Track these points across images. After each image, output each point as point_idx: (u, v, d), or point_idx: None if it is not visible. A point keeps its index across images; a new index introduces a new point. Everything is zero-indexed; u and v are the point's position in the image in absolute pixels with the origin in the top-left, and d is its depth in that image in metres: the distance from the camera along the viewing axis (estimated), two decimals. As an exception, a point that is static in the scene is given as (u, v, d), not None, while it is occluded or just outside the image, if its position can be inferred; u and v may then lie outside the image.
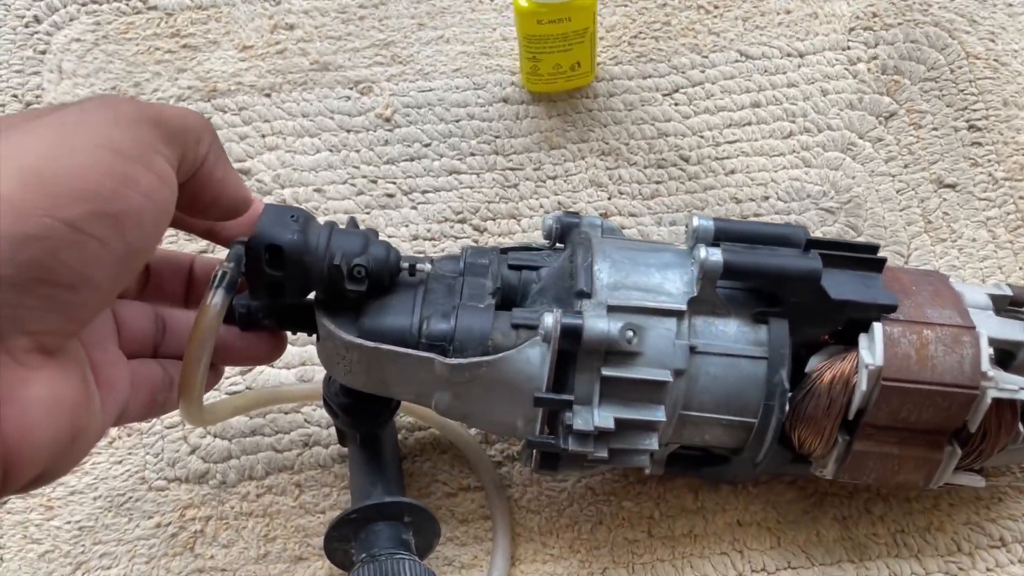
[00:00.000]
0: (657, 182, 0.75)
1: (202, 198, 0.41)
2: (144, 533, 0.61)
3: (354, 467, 0.61)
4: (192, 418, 0.50)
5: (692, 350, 0.52)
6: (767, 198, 0.74)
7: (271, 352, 0.56)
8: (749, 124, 0.78)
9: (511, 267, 0.57)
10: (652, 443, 0.52)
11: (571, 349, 0.50)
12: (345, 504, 0.64)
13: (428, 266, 0.54)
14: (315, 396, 0.64)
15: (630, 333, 0.50)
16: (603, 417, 0.50)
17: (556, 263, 0.57)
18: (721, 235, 0.54)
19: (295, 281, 0.51)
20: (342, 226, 0.54)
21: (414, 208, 0.73)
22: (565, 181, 0.76)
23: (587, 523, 0.64)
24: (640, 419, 0.51)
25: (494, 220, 0.73)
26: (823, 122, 0.78)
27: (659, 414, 0.51)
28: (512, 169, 0.75)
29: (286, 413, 0.65)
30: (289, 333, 0.57)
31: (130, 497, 0.62)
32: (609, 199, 0.75)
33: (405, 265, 0.54)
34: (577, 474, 0.62)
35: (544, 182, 0.74)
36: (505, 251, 0.58)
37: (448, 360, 0.51)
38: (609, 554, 0.62)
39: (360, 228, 0.55)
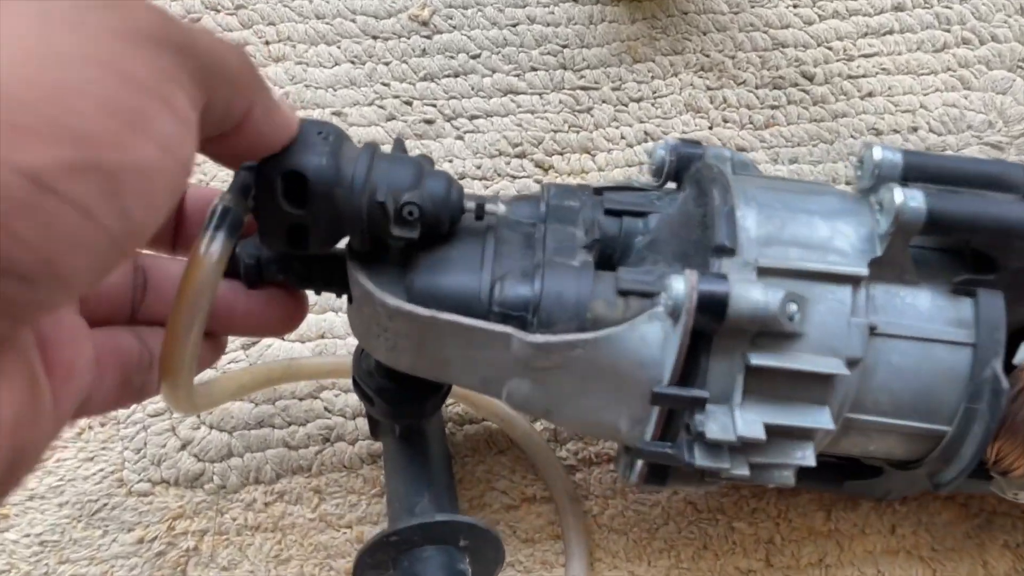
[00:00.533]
0: (772, 107, 0.60)
1: (234, 152, 0.33)
2: (123, 550, 0.50)
3: (393, 470, 0.47)
4: (179, 403, 0.36)
5: (872, 331, 0.37)
6: (915, 129, 0.59)
7: (286, 318, 0.41)
8: (891, 33, 0.62)
9: (609, 212, 0.42)
10: (807, 457, 0.38)
11: (707, 328, 0.35)
12: (377, 516, 0.50)
13: (501, 208, 0.40)
14: (340, 373, 0.50)
15: (793, 307, 0.35)
16: (748, 422, 0.36)
17: (673, 208, 0.42)
18: (912, 172, 0.39)
19: (322, 223, 0.37)
20: (386, 150, 0.40)
21: (459, 139, 0.60)
22: (653, 105, 0.60)
23: (688, 547, 0.50)
24: (797, 426, 0.37)
25: (561, 155, 0.59)
26: (986, 31, 0.62)
27: (823, 418, 0.37)
28: (584, 88, 0.61)
29: (301, 399, 0.52)
30: (311, 294, 0.42)
31: (105, 504, 0.51)
32: (710, 128, 0.60)
33: (470, 206, 0.39)
34: (688, 489, 0.48)
35: (626, 105, 0.60)
36: (599, 191, 0.43)
37: (531, 337, 0.37)
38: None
39: (409, 154, 0.40)
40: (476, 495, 0.51)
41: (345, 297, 0.43)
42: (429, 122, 0.59)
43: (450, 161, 0.59)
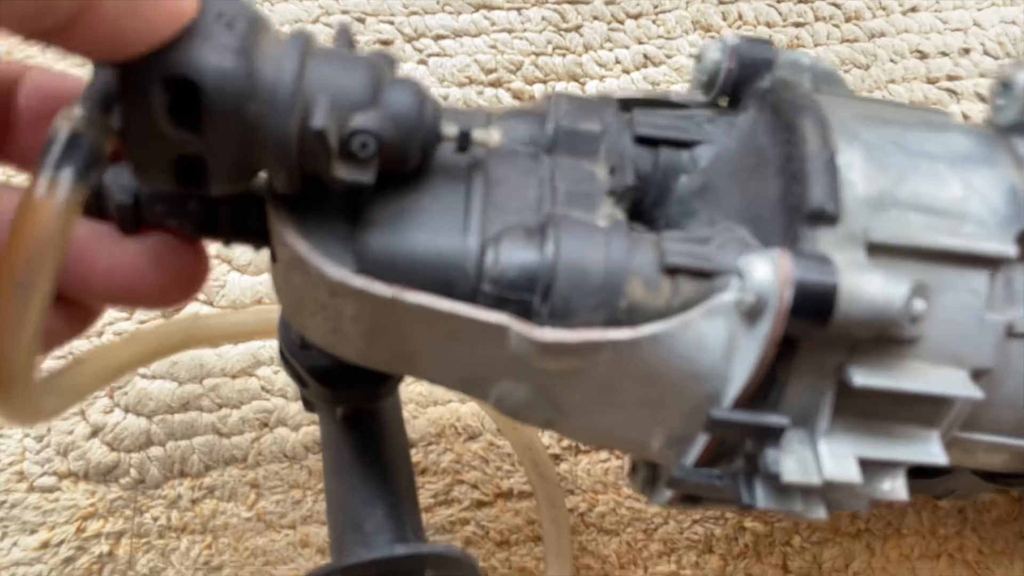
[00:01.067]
0: (797, 24, 0.49)
1: (82, 51, 0.23)
2: (24, 556, 0.43)
3: (334, 467, 0.36)
4: (12, 412, 0.24)
5: (1009, 331, 0.27)
6: (967, 51, 0.48)
7: (180, 279, 0.29)
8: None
9: (641, 140, 0.30)
10: (897, 490, 0.28)
11: (797, 334, 0.24)
12: (324, 516, 0.40)
13: (496, 136, 0.27)
14: (266, 333, 0.38)
15: (920, 304, 0.24)
16: (838, 458, 0.26)
17: (733, 137, 0.30)
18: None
19: (226, 155, 0.25)
20: (326, 44, 0.26)
21: (422, 63, 0.52)
22: (654, 22, 0.51)
23: (690, 551, 0.41)
24: (899, 460, 0.27)
25: (544, 83, 0.51)
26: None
27: (932, 449, 0.27)
28: (572, 2, 0.53)
29: (233, 377, 0.44)
30: (215, 245, 0.30)
31: (3, 502, 0.43)
32: (728, 42, 0.48)
33: (451, 131, 0.27)
34: (722, 509, 0.38)
35: (621, 23, 0.53)
36: (626, 105, 0.31)
37: (538, 333, 0.25)
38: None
39: (359, 48, 0.27)
40: (441, 490, 0.41)
41: (268, 253, 0.30)
42: (386, 43, 0.52)
43: None
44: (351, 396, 0.35)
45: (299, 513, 0.43)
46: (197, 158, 0.25)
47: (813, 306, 0.24)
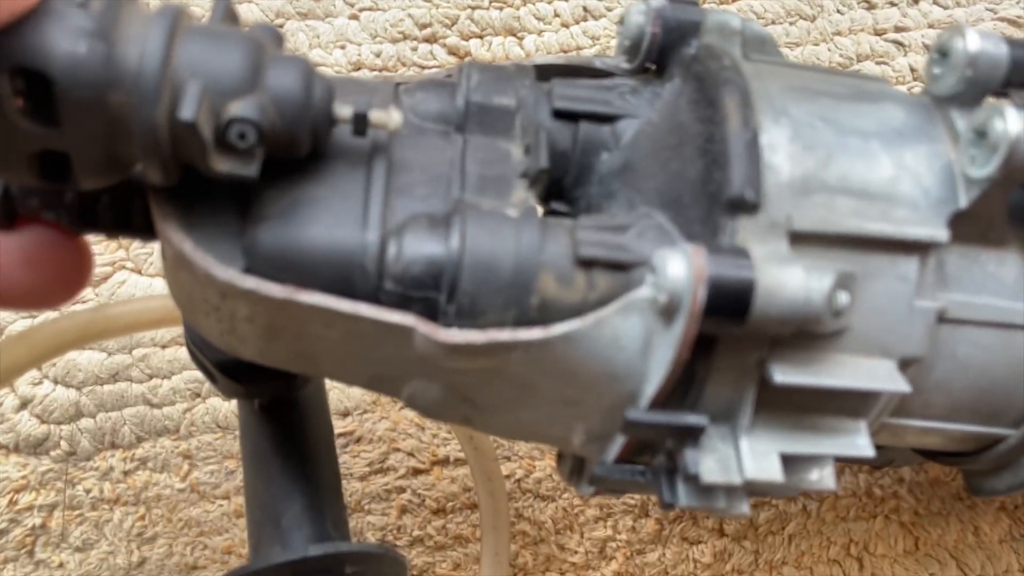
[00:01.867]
0: None
1: None
2: None
3: (252, 458, 0.34)
4: None
5: (940, 317, 0.26)
6: (916, 0, 0.46)
7: (62, 277, 0.27)
8: None
9: (559, 114, 0.28)
10: (824, 479, 0.27)
11: (713, 331, 0.23)
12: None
13: (396, 117, 0.25)
14: (173, 321, 0.36)
15: (844, 297, 0.23)
16: (760, 456, 0.25)
17: (656, 110, 0.28)
18: (1019, 76, 0.26)
19: (90, 148, 0.22)
20: (199, 21, 0.24)
21: (353, 18, 0.48)
22: None
23: (627, 516, 0.41)
24: (820, 453, 0.26)
25: (481, 38, 0.48)
26: None
27: (859, 441, 0.26)
28: None
29: (163, 347, 0.43)
30: (96, 237, 0.28)
31: None
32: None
33: (344, 113, 0.24)
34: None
35: None
36: (543, 73, 0.29)
37: (445, 335, 0.24)
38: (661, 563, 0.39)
39: (236, 24, 0.24)
40: (377, 458, 0.40)
41: (158, 247, 0.28)
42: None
43: (342, 47, 0.47)
44: (264, 390, 0.33)
45: (233, 484, 0.43)
46: (60, 155, 0.23)
47: (728, 305, 0.22)
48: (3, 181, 0.26)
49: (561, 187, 0.29)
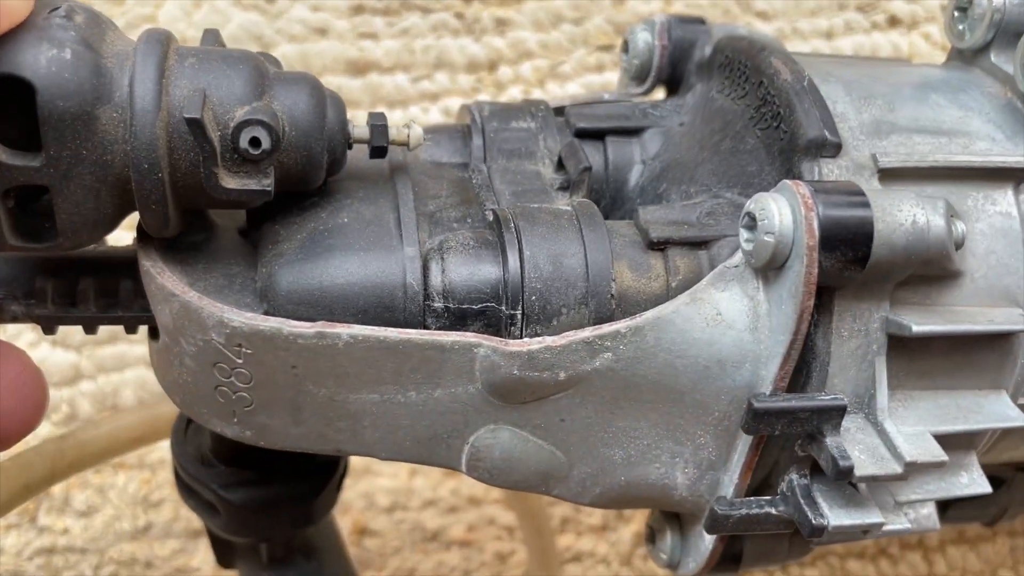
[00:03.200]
0: None
1: None
2: None
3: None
4: None
5: (1054, 258, 0.23)
6: None
7: (27, 397, 0.22)
8: None
9: (582, 134, 0.26)
10: (976, 481, 0.23)
11: (830, 282, 0.19)
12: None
13: (417, 130, 0.22)
14: (152, 437, 0.30)
15: (961, 227, 0.20)
16: (912, 437, 0.21)
17: (683, 114, 0.26)
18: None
19: (77, 180, 0.19)
20: (189, 44, 0.22)
21: None
22: None
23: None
24: (971, 429, 0.22)
25: None
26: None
27: (1006, 409, 0.22)
28: None
29: None
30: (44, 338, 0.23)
31: None
32: None
33: (360, 131, 0.22)
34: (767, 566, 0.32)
35: None
36: (558, 111, 0.27)
37: (517, 344, 0.20)
38: None
39: (228, 47, 0.22)
40: None
41: (146, 332, 0.24)
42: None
43: None
44: (276, 526, 0.27)
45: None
46: (38, 192, 0.19)
47: (848, 235, 0.19)
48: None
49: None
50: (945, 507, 0.32)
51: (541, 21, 0.46)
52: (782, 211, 0.19)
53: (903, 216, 0.20)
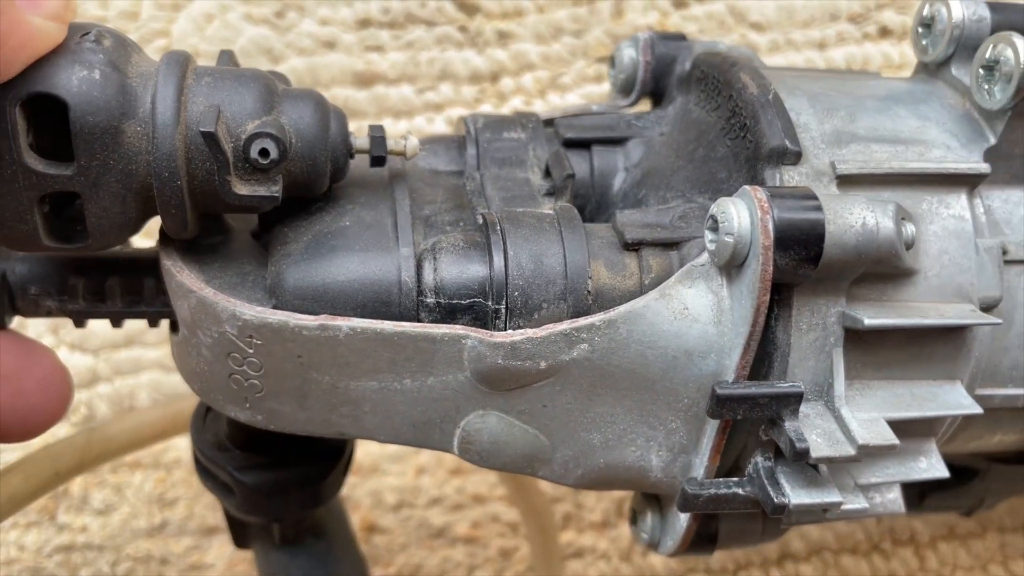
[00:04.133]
0: None
1: None
2: None
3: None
4: None
5: (1005, 258, 0.25)
6: None
7: (53, 389, 0.25)
8: None
9: (569, 144, 0.28)
10: (934, 466, 0.25)
11: (786, 279, 0.22)
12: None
13: (413, 141, 0.25)
14: (173, 432, 0.33)
15: (911, 228, 0.23)
16: (866, 423, 0.23)
17: (664, 125, 0.28)
18: (1003, 31, 0.27)
19: (106, 186, 0.22)
20: (204, 63, 0.24)
21: None
22: None
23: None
24: (929, 416, 0.24)
25: None
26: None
27: (958, 398, 0.24)
28: None
29: None
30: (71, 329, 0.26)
31: None
32: None
33: (361, 143, 0.24)
34: (742, 548, 0.34)
35: None
36: (547, 122, 0.29)
37: (501, 336, 0.22)
38: None
39: (241, 67, 0.25)
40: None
41: (167, 326, 0.26)
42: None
43: (349, 5, 0.46)
44: (288, 505, 0.30)
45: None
46: (70, 198, 0.22)
47: (800, 239, 0.22)
48: (3, 265, 0.25)
49: (583, 218, 0.29)
50: (922, 496, 0.34)
51: (542, 34, 0.48)
52: (740, 214, 0.22)
53: (853, 218, 0.22)
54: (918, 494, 0.34)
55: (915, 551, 0.45)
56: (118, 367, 0.45)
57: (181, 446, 0.43)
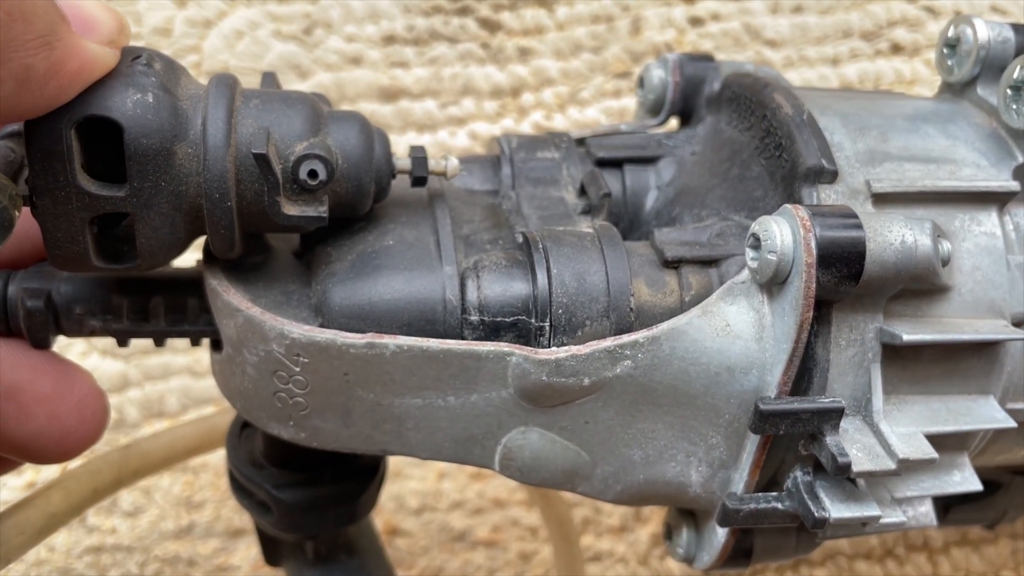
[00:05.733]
0: None
1: None
2: (12, 496, 0.40)
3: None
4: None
5: (1037, 273, 0.25)
6: None
7: (94, 408, 0.24)
8: None
9: (602, 163, 0.28)
10: (968, 479, 0.25)
11: (827, 296, 0.21)
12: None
13: (453, 161, 0.25)
14: (207, 447, 0.33)
15: (947, 246, 0.22)
16: (905, 437, 0.22)
17: (695, 144, 0.28)
18: (1027, 50, 0.27)
19: (157, 207, 0.21)
20: (232, 71, 0.24)
21: None
22: None
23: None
24: (965, 430, 0.23)
25: (512, 10, 0.47)
26: None
27: (992, 412, 0.24)
28: None
29: None
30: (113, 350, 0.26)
31: None
32: None
33: (403, 163, 0.24)
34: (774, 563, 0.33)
35: None
36: (579, 142, 0.29)
37: (546, 353, 0.22)
38: None
39: (285, 89, 0.24)
40: None
41: (208, 345, 0.26)
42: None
43: (375, 22, 0.46)
44: (323, 523, 0.29)
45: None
46: (120, 219, 0.22)
47: (841, 257, 0.21)
48: (46, 291, 0.24)
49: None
50: (947, 509, 0.34)
51: (562, 50, 0.48)
52: (783, 232, 0.21)
53: (893, 236, 0.22)
54: (943, 507, 0.34)
55: (928, 556, 0.45)
56: (148, 372, 0.45)
57: (211, 451, 0.43)
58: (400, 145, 0.47)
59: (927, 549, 0.45)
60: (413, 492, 0.46)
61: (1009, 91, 0.26)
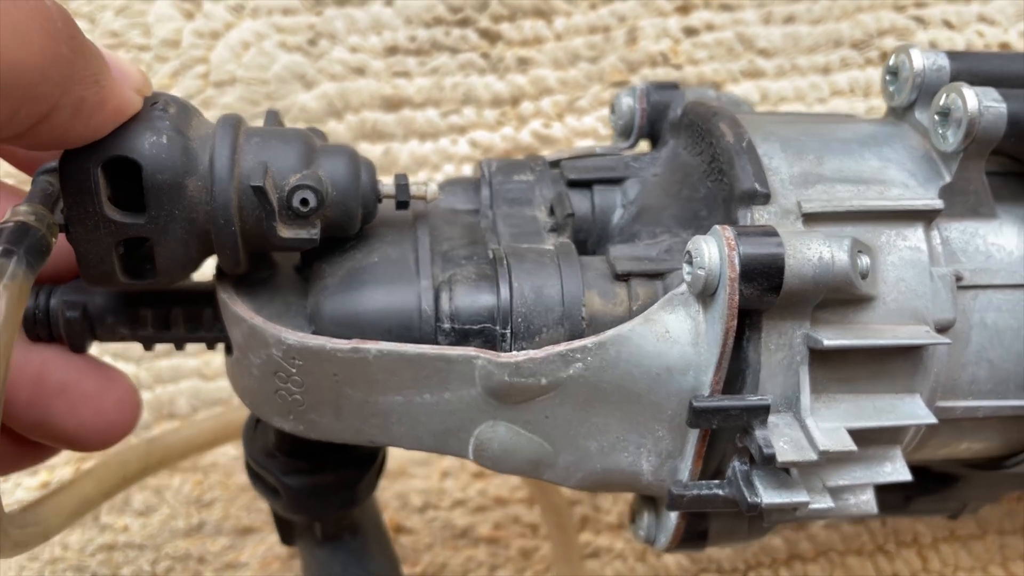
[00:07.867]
0: None
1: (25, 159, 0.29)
2: (27, 495, 0.46)
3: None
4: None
5: (959, 284, 0.29)
6: None
7: (128, 403, 0.30)
8: None
9: (573, 184, 0.33)
10: (898, 470, 0.29)
11: (753, 306, 0.26)
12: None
13: (433, 187, 0.30)
14: (225, 439, 0.38)
15: (865, 260, 0.27)
16: (828, 431, 0.27)
17: (658, 166, 0.33)
18: (963, 79, 0.31)
19: (173, 232, 0.27)
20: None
21: (388, 4, 0.52)
22: None
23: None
24: (888, 426, 0.28)
25: (511, 21, 0.51)
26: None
27: (916, 409, 0.29)
28: None
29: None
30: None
31: None
32: None
33: (388, 188, 0.29)
34: (731, 546, 0.38)
35: None
36: (554, 163, 0.34)
37: (506, 356, 0.27)
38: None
39: (285, 127, 0.30)
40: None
41: (223, 348, 0.31)
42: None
43: (378, 34, 0.51)
44: (328, 504, 0.35)
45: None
46: (142, 242, 0.27)
47: (762, 271, 0.26)
48: (83, 303, 0.30)
49: (585, 249, 0.33)
50: (908, 500, 0.38)
51: (560, 60, 0.52)
52: (711, 250, 0.26)
53: (812, 252, 0.26)
54: (904, 497, 0.38)
55: (918, 552, 0.49)
56: (159, 375, 0.49)
57: (218, 451, 0.47)
58: (403, 153, 0.52)
59: (917, 545, 0.49)
60: (417, 491, 0.50)
61: (937, 116, 0.30)
